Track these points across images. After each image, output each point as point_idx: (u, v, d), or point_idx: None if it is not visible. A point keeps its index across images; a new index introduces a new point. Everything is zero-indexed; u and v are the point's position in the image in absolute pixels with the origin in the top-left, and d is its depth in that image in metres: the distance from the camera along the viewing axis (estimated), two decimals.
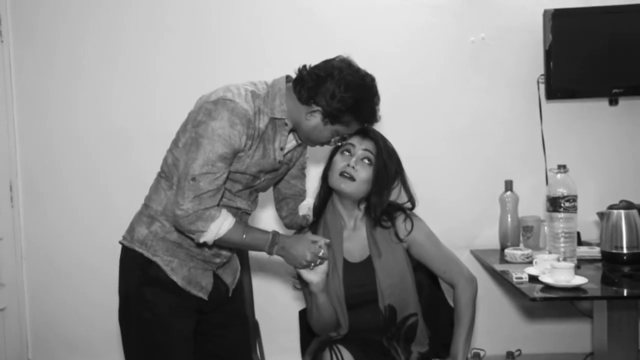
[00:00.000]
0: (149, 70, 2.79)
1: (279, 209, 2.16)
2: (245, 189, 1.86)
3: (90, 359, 2.87)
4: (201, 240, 1.72)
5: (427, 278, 2.16)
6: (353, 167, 1.93)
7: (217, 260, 1.91)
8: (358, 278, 1.96)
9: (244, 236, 1.77)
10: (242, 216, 1.89)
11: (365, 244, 2.02)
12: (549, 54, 2.59)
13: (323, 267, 1.85)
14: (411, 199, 2.06)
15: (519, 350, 2.68)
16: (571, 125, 2.71)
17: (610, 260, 2.24)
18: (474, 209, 2.73)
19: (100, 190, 2.82)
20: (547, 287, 1.97)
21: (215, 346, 1.99)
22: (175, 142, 1.84)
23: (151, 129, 2.75)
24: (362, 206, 2.04)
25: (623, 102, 2.67)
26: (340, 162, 1.96)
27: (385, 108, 2.41)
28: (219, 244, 1.78)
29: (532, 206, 2.66)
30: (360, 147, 1.96)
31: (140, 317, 1.84)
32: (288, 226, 2.18)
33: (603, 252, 2.27)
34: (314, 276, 1.85)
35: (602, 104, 2.69)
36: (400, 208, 2.06)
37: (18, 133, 2.83)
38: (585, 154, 2.69)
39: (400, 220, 2.01)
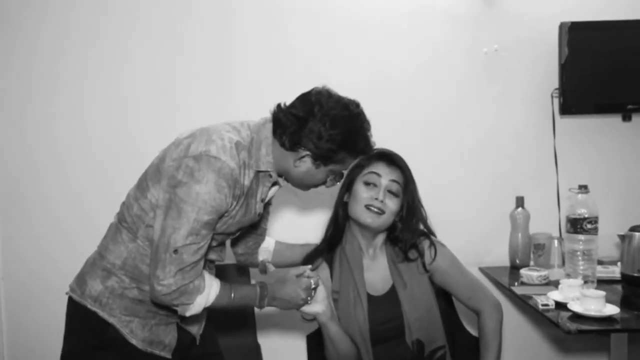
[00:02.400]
0: (126, 82, 2.60)
1: (234, 245, 1.97)
2: (219, 245, 1.71)
3: None
4: (187, 314, 1.55)
5: (443, 302, 2.08)
6: (382, 201, 1.81)
7: None
8: (384, 313, 1.85)
9: (232, 296, 1.60)
10: (210, 267, 1.73)
11: (386, 274, 1.90)
12: (564, 68, 2.51)
13: (322, 294, 1.73)
14: (429, 229, 1.96)
15: None
16: (584, 141, 2.65)
17: (632, 284, 2.18)
18: (484, 225, 2.65)
19: (80, 199, 2.62)
20: (576, 316, 1.90)
21: None
22: (141, 190, 1.62)
23: (128, 141, 2.58)
24: (383, 235, 1.93)
25: (637, 119, 2.62)
26: (364, 192, 1.83)
27: (393, 122, 2.31)
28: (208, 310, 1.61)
29: (543, 223, 2.60)
30: (387, 177, 1.84)
31: None
32: (241, 263, 2.02)
33: (624, 275, 2.21)
34: (318, 307, 1.73)
35: (615, 119, 2.63)
36: (422, 233, 1.96)
37: None
38: (598, 171, 2.63)
39: (425, 248, 1.91)
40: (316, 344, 2.02)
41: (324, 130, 1.56)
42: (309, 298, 1.69)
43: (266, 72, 2.59)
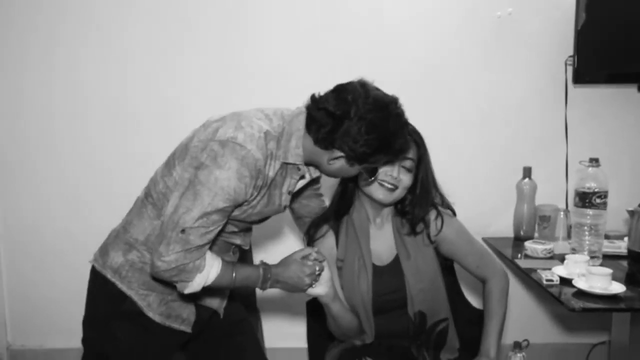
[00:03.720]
0: (125, 69, 2.53)
1: (299, 225, 1.98)
2: (242, 231, 1.68)
3: (78, 343, 2.67)
4: (186, 292, 1.52)
5: (446, 274, 2.04)
6: (395, 177, 1.76)
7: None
8: (387, 284, 1.82)
9: (234, 276, 1.57)
10: (234, 251, 1.71)
11: (391, 244, 1.87)
12: (580, 34, 2.41)
13: (326, 276, 1.69)
14: (446, 202, 1.91)
15: (526, 340, 2.60)
16: (597, 112, 2.57)
17: (638, 261, 2.14)
18: (489, 195, 2.60)
19: (96, 167, 2.59)
20: (580, 293, 1.87)
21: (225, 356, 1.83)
22: (168, 168, 1.59)
23: (128, 105, 2.55)
24: (392, 206, 1.88)
25: None
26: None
27: (396, 88, 2.22)
28: (208, 288, 1.59)
29: (549, 195, 2.55)
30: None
31: (101, 350, 1.66)
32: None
33: (631, 252, 2.18)
34: (321, 289, 1.70)
35: (631, 90, 2.54)
36: (431, 204, 1.90)
37: None
38: (610, 144, 2.56)
39: (432, 219, 1.86)
40: (316, 310, 2.02)
41: (359, 135, 1.48)
42: (313, 283, 1.66)
43: (270, 38, 2.52)
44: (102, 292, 1.65)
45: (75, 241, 2.62)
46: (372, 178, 1.67)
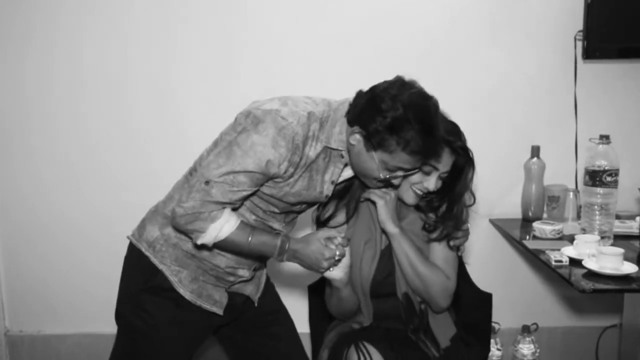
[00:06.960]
0: (126, 50, 2.48)
1: None
2: (281, 213, 1.64)
3: (77, 328, 2.68)
4: (199, 242, 1.52)
5: None
6: (428, 189, 1.72)
7: (231, 278, 1.68)
8: (383, 267, 1.79)
9: (250, 239, 1.55)
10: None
11: None
12: (590, 8, 2.33)
13: (345, 261, 1.65)
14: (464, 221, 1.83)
15: (535, 324, 2.56)
16: (608, 88, 2.49)
17: None
18: (496, 175, 2.51)
19: (94, 150, 2.54)
20: (591, 274, 1.81)
21: (263, 349, 1.82)
22: (215, 143, 1.60)
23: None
24: None
25: None
26: (416, 176, 1.71)
27: (401, 64, 2.18)
28: (222, 247, 1.57)
29: (558, 174, 2.49)
30: (444, 168, 1.73)
31: (131, 324, 1.66)
32: None
33: None
34: (337, 273, 1.66)
35: None
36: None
37: None
38: (621, 120, 2.48)
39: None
40: (318, 294, 1.99)
41: (377, 110, 1.47)
42: (331, 269, 1.62)
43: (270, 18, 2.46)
44: (135, 265, 1.66)
45: (74, 226, 2.60)
46: (382, 179, 1.58)
